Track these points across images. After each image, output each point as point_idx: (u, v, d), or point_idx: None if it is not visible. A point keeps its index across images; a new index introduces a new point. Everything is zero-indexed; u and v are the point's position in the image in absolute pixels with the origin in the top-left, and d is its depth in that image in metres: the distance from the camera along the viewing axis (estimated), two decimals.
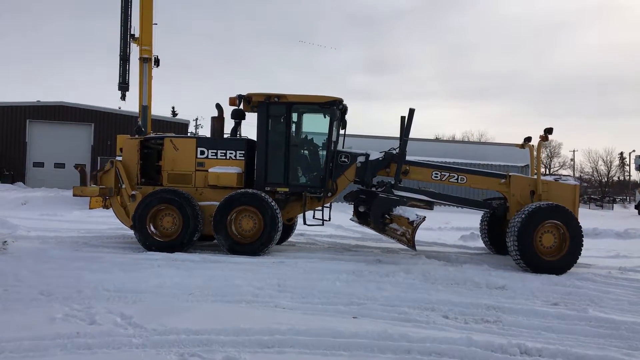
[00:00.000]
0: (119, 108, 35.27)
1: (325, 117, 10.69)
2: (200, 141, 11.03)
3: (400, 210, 9.92)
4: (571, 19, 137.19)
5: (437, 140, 45.11)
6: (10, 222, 13.93)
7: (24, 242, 10.89)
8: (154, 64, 22.31)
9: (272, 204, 10.22)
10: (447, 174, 10.71)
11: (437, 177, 10.71)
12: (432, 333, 5.47)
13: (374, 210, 10.12)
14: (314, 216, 11.16)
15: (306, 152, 11.05)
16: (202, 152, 10.90)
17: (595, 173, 68.75)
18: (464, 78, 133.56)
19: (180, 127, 36.70)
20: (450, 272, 8.72)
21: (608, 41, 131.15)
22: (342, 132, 11.55)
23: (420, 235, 14.03)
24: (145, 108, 22.32)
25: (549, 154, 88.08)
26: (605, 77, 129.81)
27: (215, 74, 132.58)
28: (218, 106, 11.39)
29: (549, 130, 10.22)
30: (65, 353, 4.74)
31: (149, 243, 10.33)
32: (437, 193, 10.77)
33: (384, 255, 10.45)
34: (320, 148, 10.91)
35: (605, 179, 65.22)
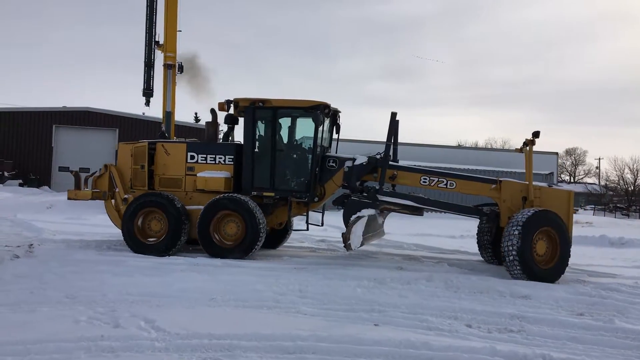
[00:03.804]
0: (143, 114, 35.66)
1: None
2: (191, 146, 11.14)
3: (364, 212, 9.80)
4: (594, 25, 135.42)
5: (459, 147, 44.85)
6: (36, 226, 14.18)
7: (49, 245, 11.05)
8: (178, 71, 22.54)
9: (254, 208, 10.20)
10: (436, 179, 10.42)
11: (425, 182, 10.44)
12: (454, 342, 5.43)
13: (345, 213, 10.04)
14: (307, 221, 11.18)
15: (292, 156, 11.01)
16: (192, 157, 11.00)
17: (622, 181, 67.56)
18: (484, 85, 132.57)
19: (202, 133, 36.98)
20: (473, 280, 8.63)
21: (633, 46, 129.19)
22: (335, 136, 11.58)
23: (442, 243, 13.96)
24: (168, 114, 22.55)
25: (574, 162, 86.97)
26: (633, 83, 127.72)
27: (235, 81, 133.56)
28: (212, 111, 11.54)
29: (536, 134, 9.93)
30: (89, 356, 4.80)
31: (136, 246, 10.47)
32: (424, 198, 10.48)
33: (405, 263, 10.38)
34: (307, 152, 10.84)
35: (632, 188, 64.02)
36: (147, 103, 23.96)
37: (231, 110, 11.13)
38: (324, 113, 10.61)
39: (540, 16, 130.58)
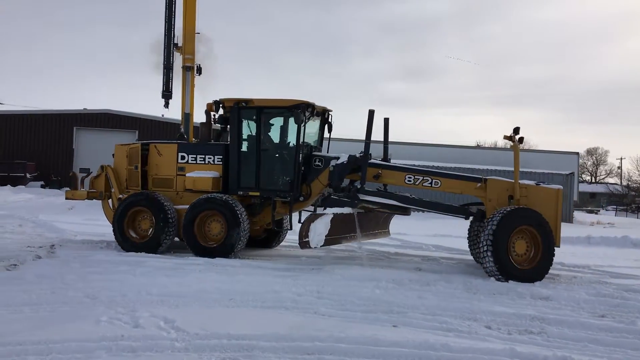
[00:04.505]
0: (162, 115, 35.92)
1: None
2: (181, 147, 11.33)
3: (329, 211, 9.72)
4: (617, 25, 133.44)
5: (478, 147, 44.51)
6: (58, 227, 14.37)
7: (71, 246, 11.19)
8: (197, 73, 22.66)
9: (235, 207, 10.22)
10: (421, 178, 10.23)
11: (410, 181, 10.26)
12: (474, 343, 5.39)
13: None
14: (299, 220, 11.14)
15: (276, 156, 10.98)
16: (183, 157, 11.16)
17: None
18: (504, 85, 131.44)
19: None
20: (493, 281, 8.57)
21: None
22: (327, 135, 11.59)
23: (461, 243, 13.82)
24: (187, 115, 22.68)
25: (595, 162, 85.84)
26: None
27: (253, 82, 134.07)
28: (207, 112, 11.64)
29: (516, 130, 9.61)
30: (110, 355, 4.86)
31: (126, 245, 10.73)
32: (409, 197, 10.28)
33: (424, 264, 10.33)
34: (291, 152, 10.71)
35: None
36: (167, 105, 24.12)
37: (221, 111, 11.21)
38: (305, 112, 10.52)
39: (561, 15, 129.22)
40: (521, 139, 9.79)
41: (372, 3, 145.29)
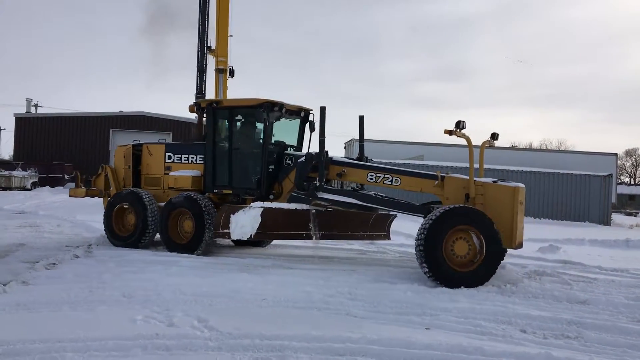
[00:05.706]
0: (196, 117, 36.41)
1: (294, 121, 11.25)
2: (168, 147, 11.94)
3: (257, 204, 9.68)
4: None
5: (512, 148, 43.80)
6: (94, 227, 14.64)
7: (107, 246, 11.42)
8: (229, 75, 22.88)
9: (201, 205, 10.42)
10: (382, 176, 9.97)
11: (372, 179, 10.04)
12: (508, 347, 5.32)
13: None
14: None
15: (246, 154, 11.05)
16: (169, 157, 11.64)
17: None
18: (537, 84, 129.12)
19: None
20: (528, 284, 8.42)
21: None
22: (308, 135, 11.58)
23: None
24: None
25: (634, 163, 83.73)
26: None
27: (286, 85, 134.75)
28: (197, 114, 11.81)
29: (458, 124, 9.10)
30: (145, 353, 4.95)
31: (114, 239, 11.37)
32: (371, 196, 10.11)
33: None
34: (261, 151, 10.75)
35: None
36: None
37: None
38: (271, 111, 10.56)
39: (595, 13, 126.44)
40: (495, 135, 9.54)
41: (405, 3, 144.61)
